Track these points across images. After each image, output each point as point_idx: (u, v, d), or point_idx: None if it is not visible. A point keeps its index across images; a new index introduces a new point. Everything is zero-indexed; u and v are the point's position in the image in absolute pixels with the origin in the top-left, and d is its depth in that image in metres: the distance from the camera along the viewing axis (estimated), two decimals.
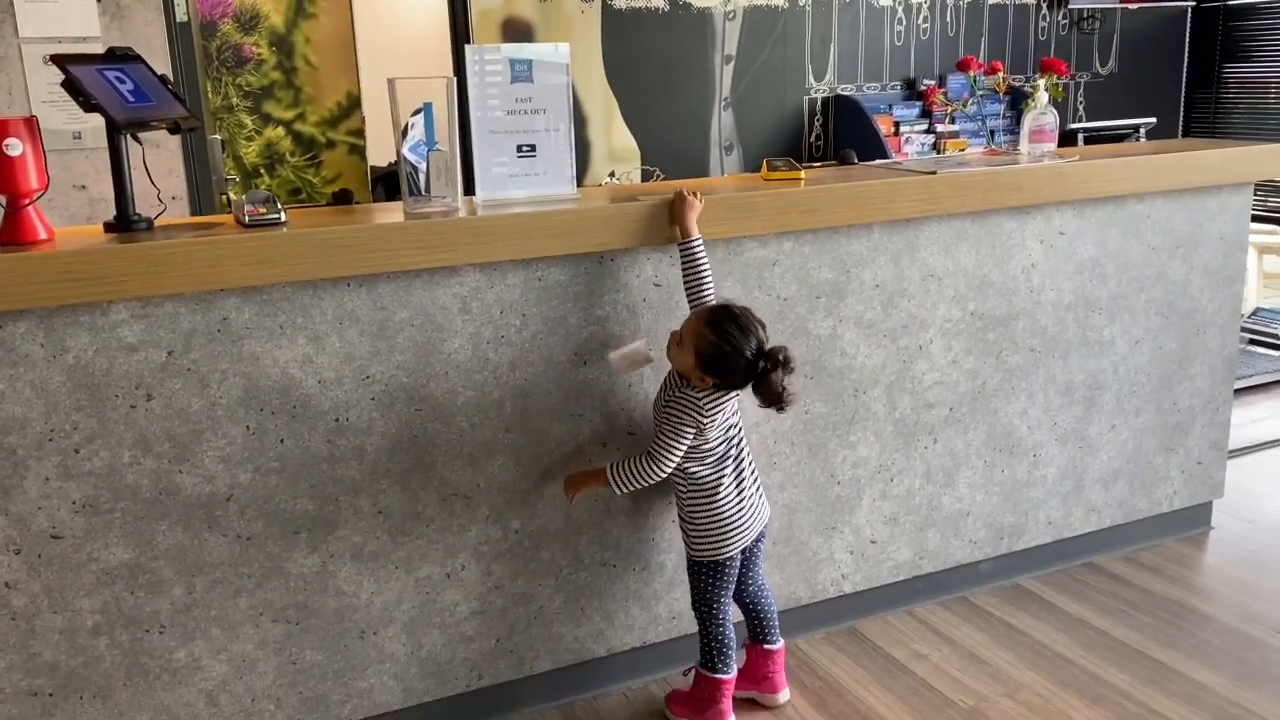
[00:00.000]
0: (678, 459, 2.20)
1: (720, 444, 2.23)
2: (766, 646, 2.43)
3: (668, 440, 2.18)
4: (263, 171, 5.18)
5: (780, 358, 2.11)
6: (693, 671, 2.39)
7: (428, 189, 2.25)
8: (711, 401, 2.17)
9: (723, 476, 2.24)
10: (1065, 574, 3.03)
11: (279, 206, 2.10)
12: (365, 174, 5.24)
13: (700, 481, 2.25)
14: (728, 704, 2.35)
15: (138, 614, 2.07)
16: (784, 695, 2.46)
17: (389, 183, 5.32)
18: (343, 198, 4.41)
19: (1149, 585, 2.95)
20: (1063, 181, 2.70)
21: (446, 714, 2.39)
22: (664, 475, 2.21)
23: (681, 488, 2.28)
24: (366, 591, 2.24)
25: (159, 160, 3.66)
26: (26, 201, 1.93)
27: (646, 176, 4.85)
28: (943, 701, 2.45)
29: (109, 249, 1.89)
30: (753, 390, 2.14)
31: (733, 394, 2.21)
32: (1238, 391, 3.84)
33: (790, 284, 2.51)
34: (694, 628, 2.39)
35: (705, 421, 2.17)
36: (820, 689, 2.51)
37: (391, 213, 2.28)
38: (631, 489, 2.23)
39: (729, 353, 2.10)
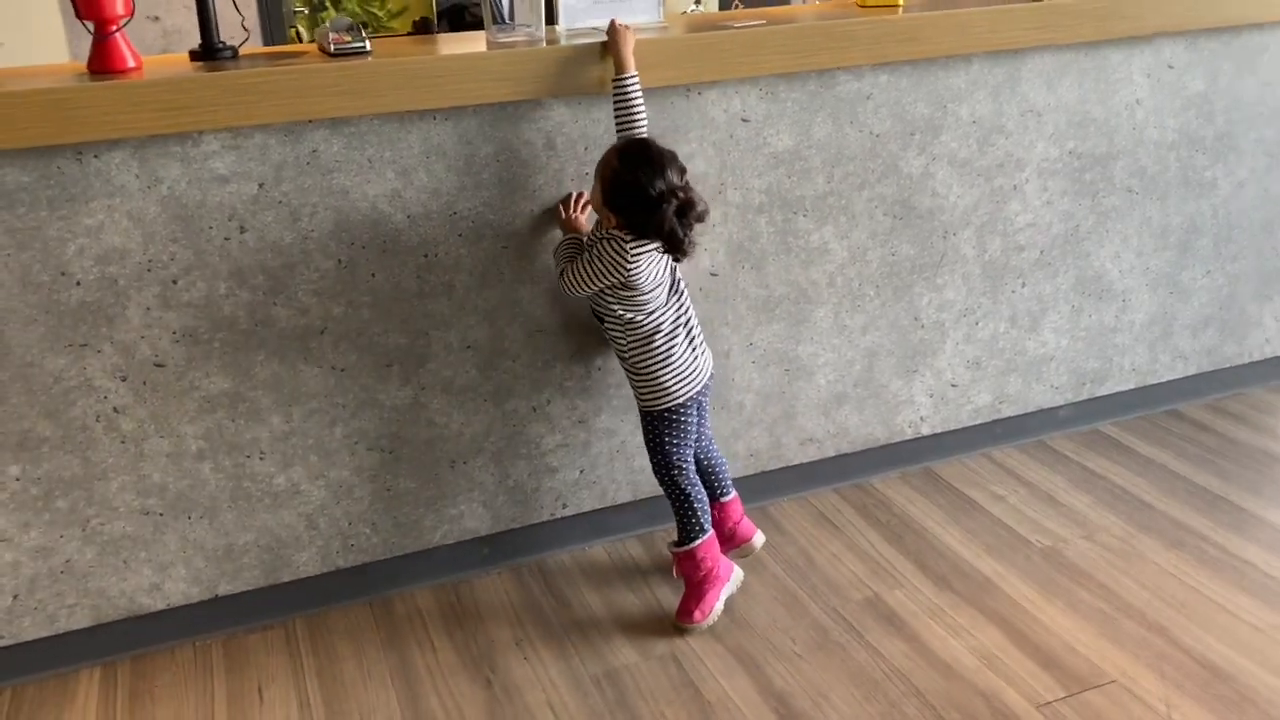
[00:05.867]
0: (581, 293, 2.07)
1: (656, 291, 2.07)
2: (721, 501, 2.33)
3: (581, 273, 2.04)
4: (328, 4, 5.06)
5: (682, 196, 1.96)
6: (674, 559, 2.24)
7: (511, 16, 2.18)
8: (637, 247, 1.99)
9: (660, 324, 2.08)
10: (1147, 420, 3.00)
11: (364, 35, 2.06)
12: (432, 5, 5.10)
13: (637, 329, 2.09)
14: (716, 569, 2.21)
15: (239, 440, 2.15)
16: (759, 539, 2.38)
17: (453, 15, 5.18)
18: (424, 27, 4.31)
19: (1233, 433, 2.92)
20: (1175, 7, 2.53)
21: (533, 540, 2.47)
22: (566, 292, 2.11)
23: (620, 338, 2.13)
24: (456, 423, 2.29)
25: None
26: (114, 28, 1.90)
27: (726, 4, 4.66)
28: (1019, 541, 2.47)
29: (200, 77, 1.87)
30: (654, 232, 1.98)
31: (651, 244, 2.01)
32: None
33: (884, 119, 2.42)
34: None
35: (630, 267, 1.98)
36: (896, 525, 2.55)
37: (473, 42, 2.22)
38: (558, 269, 2.13)
39: (629, 184, 1.94)
